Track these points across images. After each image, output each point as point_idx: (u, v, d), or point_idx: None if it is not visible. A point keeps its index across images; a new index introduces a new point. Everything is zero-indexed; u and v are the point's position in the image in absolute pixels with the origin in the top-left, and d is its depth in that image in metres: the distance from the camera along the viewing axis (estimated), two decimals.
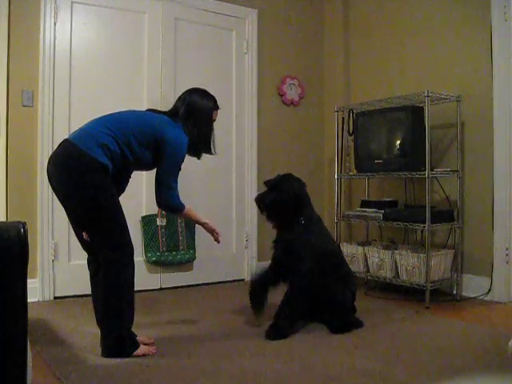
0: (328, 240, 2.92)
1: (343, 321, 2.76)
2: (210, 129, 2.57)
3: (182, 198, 2.47)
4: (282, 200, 2.74)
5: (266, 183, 2.89)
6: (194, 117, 2.49)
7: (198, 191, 4.01)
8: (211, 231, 2.63)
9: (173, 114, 2.50)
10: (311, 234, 2.78)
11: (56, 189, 2.33)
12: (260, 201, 2.81)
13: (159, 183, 2.40)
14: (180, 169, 2.44)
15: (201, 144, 2.53)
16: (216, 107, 2.60)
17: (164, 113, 2.53)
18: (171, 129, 2.41)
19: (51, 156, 2.36)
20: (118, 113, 2.46)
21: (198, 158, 2.63)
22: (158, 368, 2.18)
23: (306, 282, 2.67)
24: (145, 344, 2.40)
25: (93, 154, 2.23)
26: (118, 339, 2.27)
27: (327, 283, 2.75)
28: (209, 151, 2.61)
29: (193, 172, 3.65)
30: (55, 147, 2.38)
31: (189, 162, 2.58)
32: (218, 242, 2.65)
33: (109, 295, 2.27)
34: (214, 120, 2.61)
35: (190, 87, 2.64)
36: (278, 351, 2.40)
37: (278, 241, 2.87)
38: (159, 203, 2.44)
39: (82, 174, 2.22)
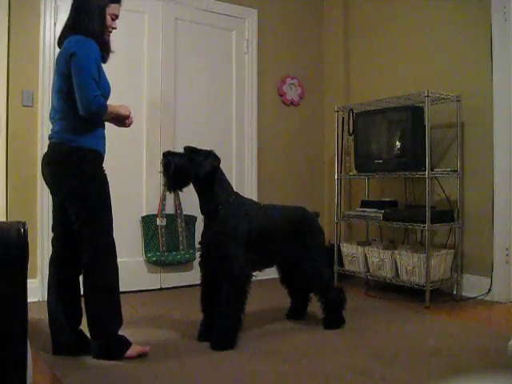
0: (263, 209, 2.68)
1: (336, 317, 2.77)
2: (103, 24, 2.30)
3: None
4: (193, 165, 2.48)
5: (185, 148, 2.57)
6: (85, 13, 2.24)
7: None
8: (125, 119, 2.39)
9: (70, 26, 2.27)
10: (239, 217, 2.53)
11: None
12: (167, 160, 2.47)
13: (79, 89, 2.16)
14: (98, 76, 2.23)
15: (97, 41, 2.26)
16: (112, 1, 2.32)
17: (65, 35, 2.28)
18: (74, 44, 2.20)
19: None
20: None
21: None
22: (158, 368, 2.18)
23: (240, 284, 2.46)
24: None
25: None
26: (105, 340, 2.26)
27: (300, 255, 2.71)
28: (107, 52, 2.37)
29: None
30: None
31: None
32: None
33: (90, 299, 2.26)
34: (116, 16, 2.34)
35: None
36: (278, 351, 2.40)
37: (205, 240, 2.59)
38: (86, 106, 2.15)
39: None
